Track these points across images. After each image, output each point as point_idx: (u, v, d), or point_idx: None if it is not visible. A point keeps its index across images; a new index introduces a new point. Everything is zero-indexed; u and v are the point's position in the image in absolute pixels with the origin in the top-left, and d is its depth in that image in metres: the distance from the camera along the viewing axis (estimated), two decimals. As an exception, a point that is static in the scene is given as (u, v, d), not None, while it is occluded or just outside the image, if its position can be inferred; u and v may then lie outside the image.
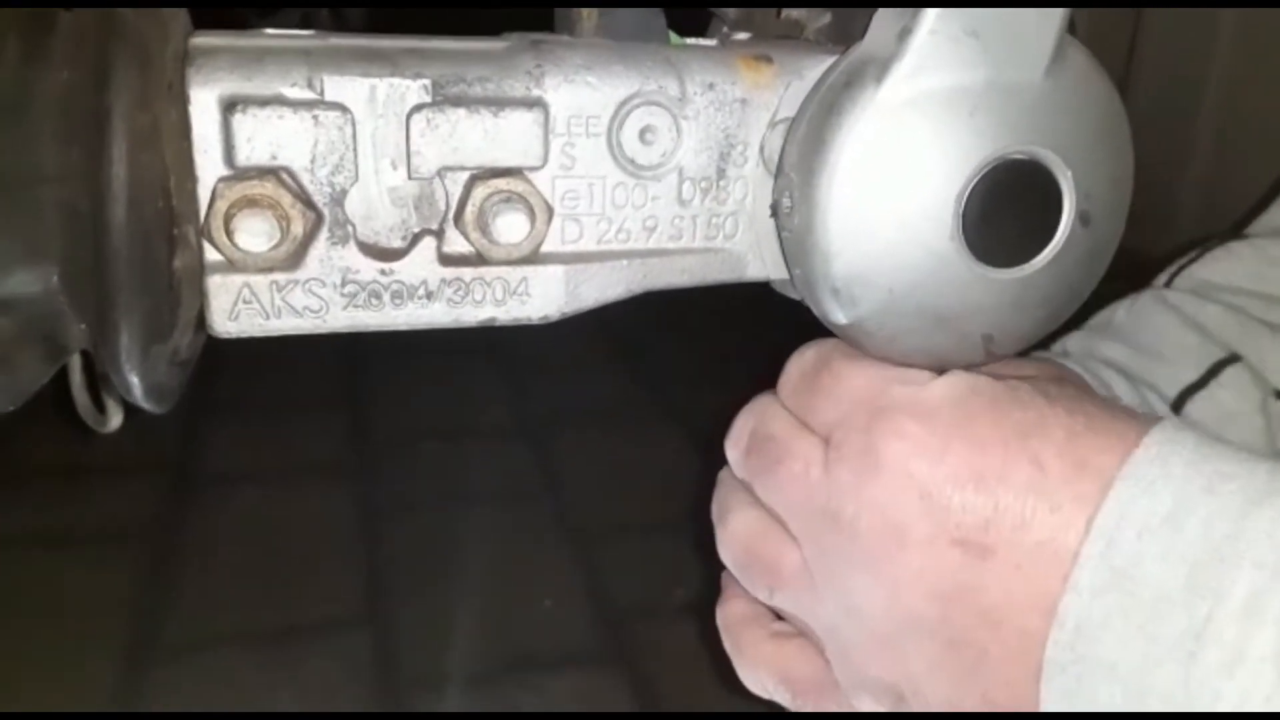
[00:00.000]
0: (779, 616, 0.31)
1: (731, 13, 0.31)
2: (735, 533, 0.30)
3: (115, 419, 0.30)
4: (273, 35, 0.25)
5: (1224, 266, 0.43)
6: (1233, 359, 0.38)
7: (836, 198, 0.25)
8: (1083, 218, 0.26)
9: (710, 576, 0.35)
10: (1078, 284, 0.27)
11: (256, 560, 0.94)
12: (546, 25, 0.29)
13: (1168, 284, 0.43)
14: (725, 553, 0.31)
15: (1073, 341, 0.43)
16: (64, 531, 0.98)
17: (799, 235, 0.26)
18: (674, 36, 0.28)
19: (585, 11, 0.27)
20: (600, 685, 0.84)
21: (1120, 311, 0.43)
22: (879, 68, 0.25)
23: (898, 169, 0.25)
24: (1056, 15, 0.25)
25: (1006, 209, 0.25)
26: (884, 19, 0.25)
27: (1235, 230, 0.45)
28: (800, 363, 0.29)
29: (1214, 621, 0.21)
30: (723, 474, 0.32)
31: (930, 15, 0.24)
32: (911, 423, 0.25)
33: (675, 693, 0.84)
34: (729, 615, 0.32)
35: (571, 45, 0.26)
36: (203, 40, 0.24)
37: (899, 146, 0.25)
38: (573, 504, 1.06)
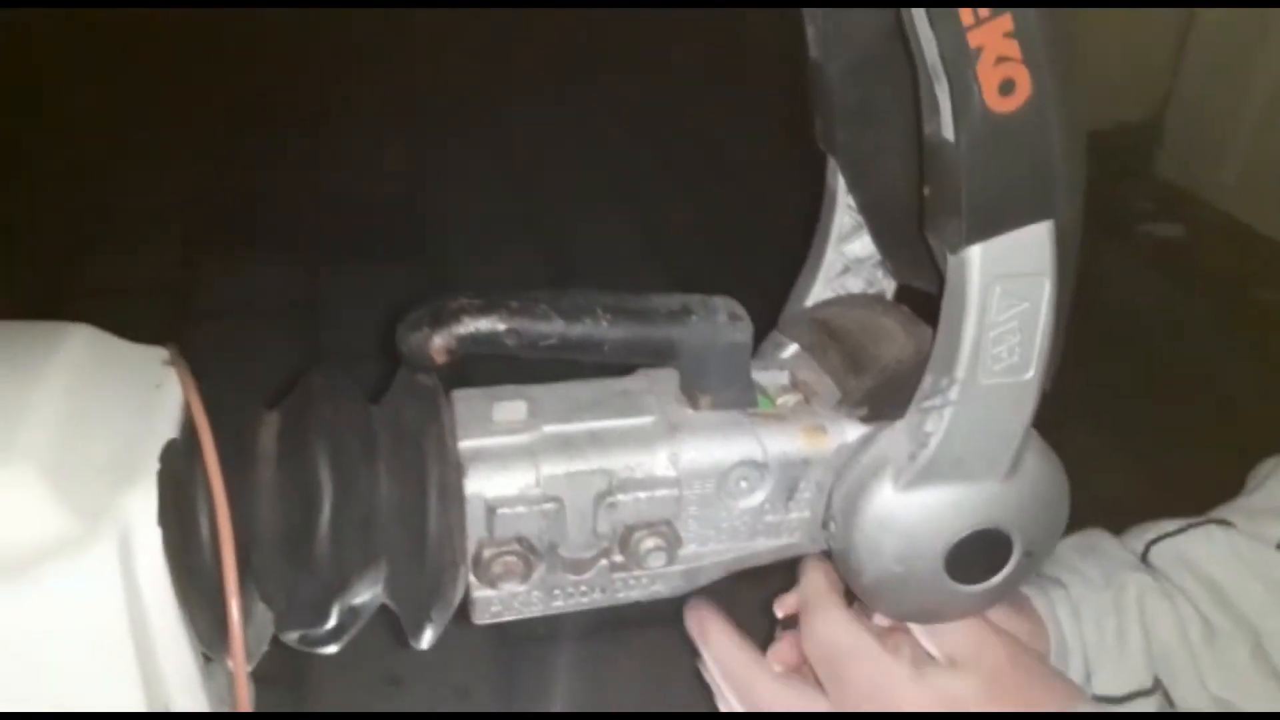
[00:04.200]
0: None
1: (790, 347, 0.45)
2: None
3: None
4: (503, 428, 0.39)
5: (1202, 549, 0.52)
6: (1151, 690, 0.50)
7: (864, 545, 0.39)
8: (1026, 554, 0.40)
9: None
10: (1024, 580, 0.41)
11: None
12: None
13: (1152, 543, 0.53)
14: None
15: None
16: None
17: (840, 554, 0.40)
18: (762, 400, 0.42)
19: (704, 399, 0.40)
20: (673, 643, 1.02)
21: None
22: (895, 470, 0.38)
23: (903, 533, 0.39)
24: (1014, 443, 0.38)
25: (976, 553, 0.39)
26: (903, 432, 0.38)
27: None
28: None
29: None
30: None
31: (930, 449, 0.37)
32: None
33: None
34: None
35: (695, 430, 0.40)
36: (466, 446, 0.38)
37: (903, 521, 0.38)
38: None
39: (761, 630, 0.56)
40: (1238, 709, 0.49)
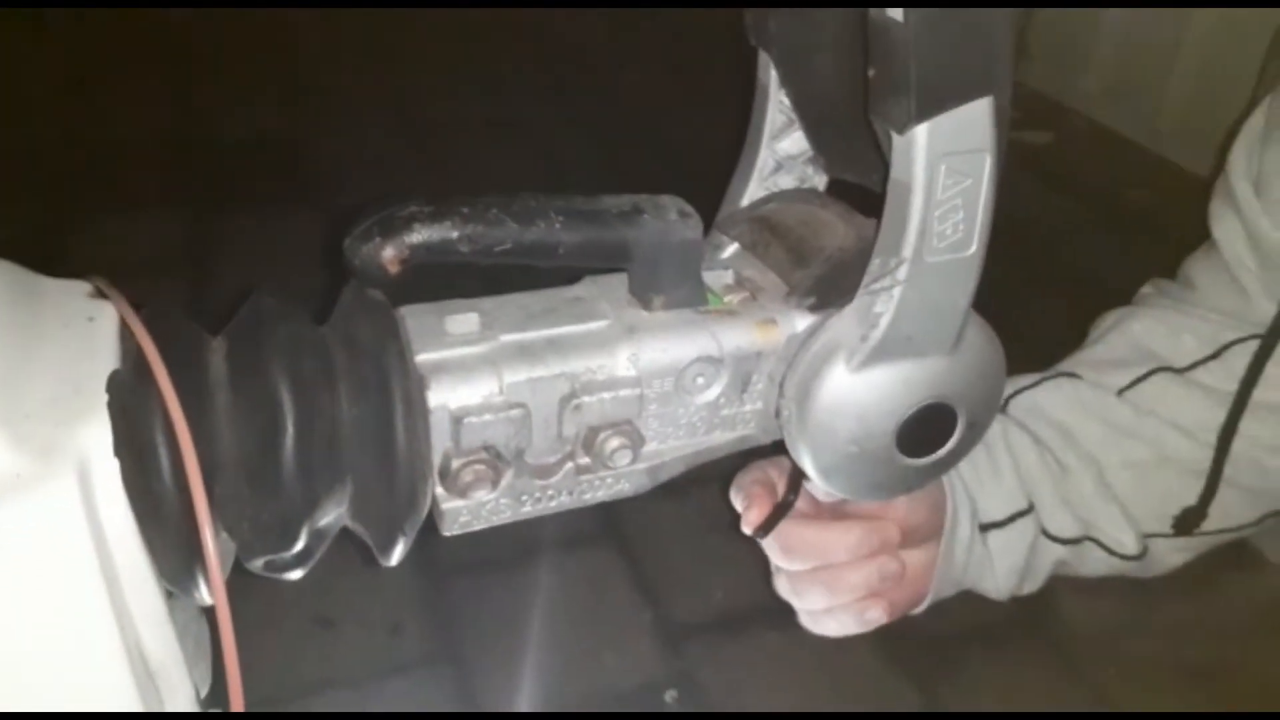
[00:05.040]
0: None
1: (730, 246, 0.45)
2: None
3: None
4: (459, 340, 0.38)
5: (1052, 398, 0.58)
6: (1029, 510, 0.55)
7: (819, 428, 0.40)
8: (969, 425, 0.42)
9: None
10: (967, 451, 0.44)
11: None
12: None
13: (1010, 397, 0.58)
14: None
15: None
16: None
17: (794, 438, 0.42)
18: (712, 298, 0.42)
19: (657, 299, 0.41)
20: (601, 561, 1.04)
21: None
22: (847, 353, 0.39)
23: (856, 413, 0.40)
24: (959, 317, 0.39)
25: (924, 427, 0.41)
26: (852, 316, 0.40)
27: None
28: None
29: None
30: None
31: (881, 329, 0.39)
32: None
33: (661, 567, 1.05)
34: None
35: (652, 330, 0.40)
36: (424, 359, 0.38)
37: (856, 401, 0.40)
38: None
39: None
40: (1093, 527, 0.56)
